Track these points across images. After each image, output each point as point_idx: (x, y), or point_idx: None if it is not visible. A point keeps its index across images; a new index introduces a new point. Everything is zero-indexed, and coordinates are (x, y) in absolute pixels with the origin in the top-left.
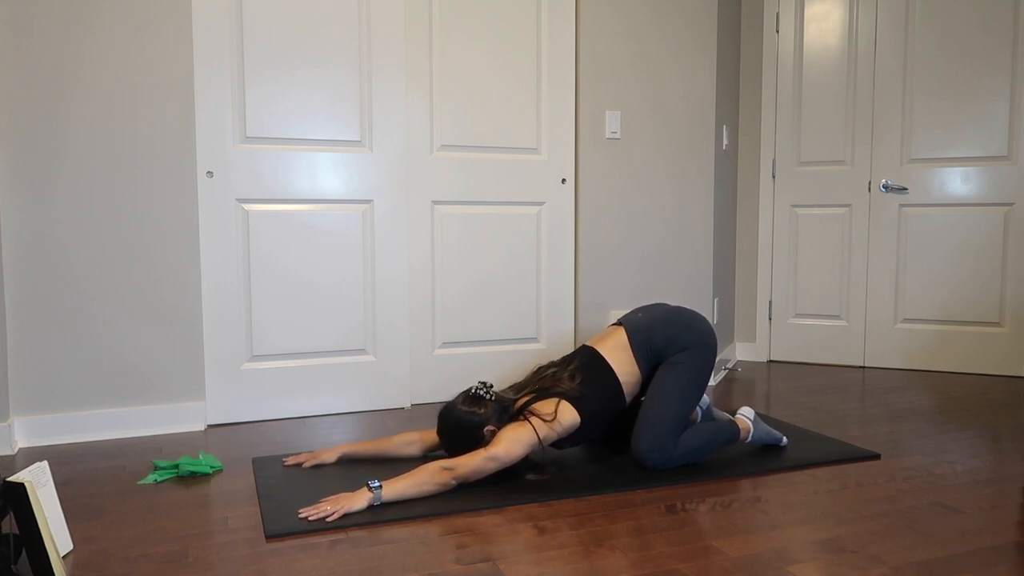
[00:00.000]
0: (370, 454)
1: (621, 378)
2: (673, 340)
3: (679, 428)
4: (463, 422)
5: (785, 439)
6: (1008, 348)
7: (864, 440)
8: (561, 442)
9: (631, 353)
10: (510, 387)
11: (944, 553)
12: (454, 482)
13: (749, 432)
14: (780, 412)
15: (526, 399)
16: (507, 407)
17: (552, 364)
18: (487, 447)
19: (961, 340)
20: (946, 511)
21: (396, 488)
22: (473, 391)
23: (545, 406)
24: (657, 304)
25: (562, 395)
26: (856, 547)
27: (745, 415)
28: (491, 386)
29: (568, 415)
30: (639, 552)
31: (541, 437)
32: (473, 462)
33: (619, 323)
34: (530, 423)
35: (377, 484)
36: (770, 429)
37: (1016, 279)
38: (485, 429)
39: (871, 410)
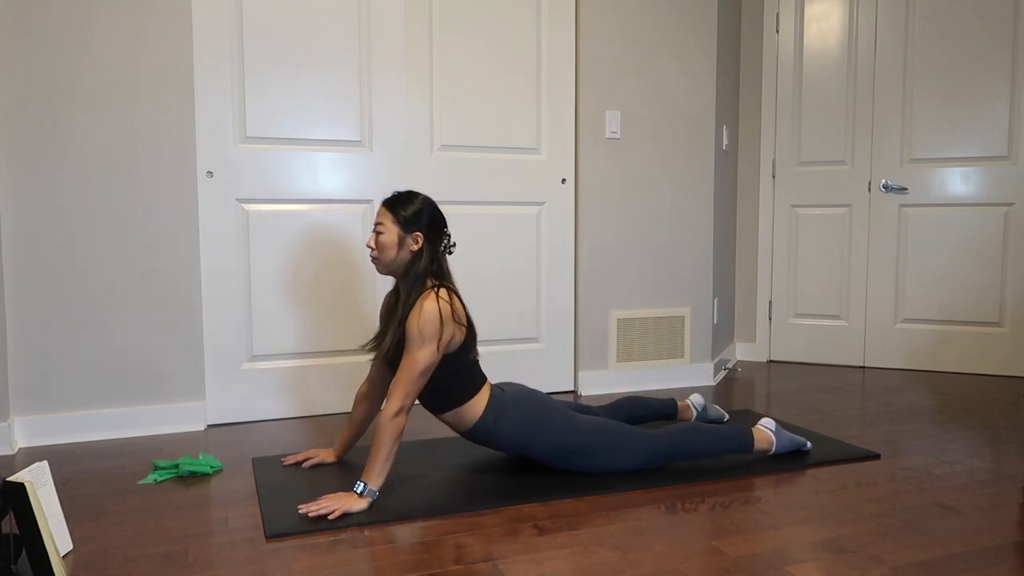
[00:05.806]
0: (356, 435)
1: (470, 404)
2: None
3: (604, 435)
4: (417, 206)
5: (809, 443)
6: (1008, 348)
7: (864, 440)
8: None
9: (482, 414)
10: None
11: (944, 553)
12: (406, 417)
13: (772, 444)
14: (780, 412)
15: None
16: (436, 270)
17: None
18: (404, 365)
19: (961, 340)
20: (946, 511)
21: (373, 471)
22: (445, 238)
23: (458, 304)
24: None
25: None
26: (856, 547)
27: (766, 427)
28: (454, 247)
29: (462, 319)
30: (639, 552)
31: (443, 315)
32: (404, 388)
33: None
34: (437, 296)
35: (361, 487)
36: (793, 436)
37: (1016, 279)
38: (414, 232)
39: (871, 410)
